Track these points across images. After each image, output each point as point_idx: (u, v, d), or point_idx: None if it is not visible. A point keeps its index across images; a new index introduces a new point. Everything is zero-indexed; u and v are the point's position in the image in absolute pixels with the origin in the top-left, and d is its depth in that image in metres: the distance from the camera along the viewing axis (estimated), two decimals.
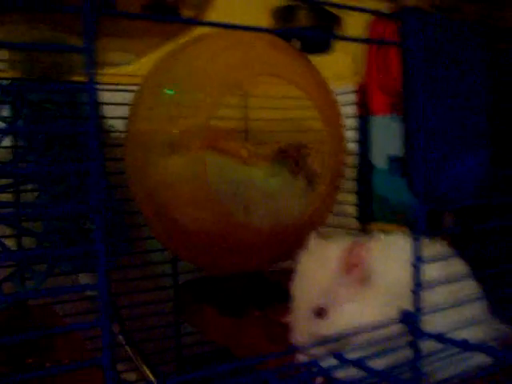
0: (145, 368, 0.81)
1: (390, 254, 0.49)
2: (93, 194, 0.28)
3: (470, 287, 0.50)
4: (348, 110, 0.88)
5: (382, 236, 0.54)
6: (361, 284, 0.46)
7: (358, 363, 0.36)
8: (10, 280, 0.67)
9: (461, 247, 0.67)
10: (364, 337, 0.40)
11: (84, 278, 0.81)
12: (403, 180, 0.78)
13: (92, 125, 0.28)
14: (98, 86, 0.29)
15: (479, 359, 0.38)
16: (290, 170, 0.77)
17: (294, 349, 0.44)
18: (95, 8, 0.27)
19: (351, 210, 0.91)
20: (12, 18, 0.43)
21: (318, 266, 0.49)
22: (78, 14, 0.28)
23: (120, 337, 0.82)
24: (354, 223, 0.90)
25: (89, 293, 0.84)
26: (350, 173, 0.88)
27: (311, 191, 0.77)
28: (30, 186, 0.77)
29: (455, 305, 0.44)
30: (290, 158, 0.77)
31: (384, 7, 0.66)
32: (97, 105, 0.29)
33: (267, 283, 0.81)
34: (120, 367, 0.86)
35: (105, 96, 0.83)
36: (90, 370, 0.55)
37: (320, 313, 0.46)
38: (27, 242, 0.79)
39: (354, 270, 0.47)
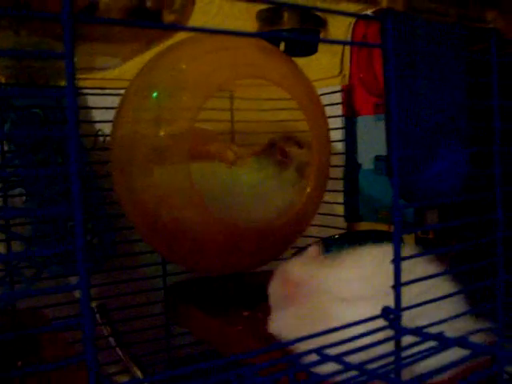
0: (135, 369, 0.82)
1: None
2: (73, 194, 0.28)
3: (442, 288, 0.51)
4: (334, 110, 0.89)
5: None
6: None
7: (337, 358, 0.36)
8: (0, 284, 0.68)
9: (444, 244, 0.68)
10: (345, 334, 0.40)
11: (75, 281, 0.82)
12: (388, 179, 0.79)
13: (71, 128, 0.29)
14: (86, 91, 0.29)
15: (458, 354, 0.39)
16: (277, 163, 0.77)
17: (277, 346, 0.44)
18: (73, 15, 0.28)
19: (338, 209, 0.92)
20: None
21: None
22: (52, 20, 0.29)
23: (111, 339, 0.83)
24: (342, 223, 0.91)
25: (78, 295, 0.85)
26: (337, 172, 0.89)
27: (301, 181, 0.76)
28: (17, 191, 0.78)
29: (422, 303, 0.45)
30: (278, 150, 0.76)
31: (366, 9, 0.67)
32: (76, 109, 0.29)
33: (255, 284, 0.82)
34: (112, 369, 0.87)
35: (94, 100, 0.84)
36: (80, 372, 0.56)
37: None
38: (18, 247, 0.79)
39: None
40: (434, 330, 0.42)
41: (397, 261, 0.43)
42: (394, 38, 0.55)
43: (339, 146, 0.90)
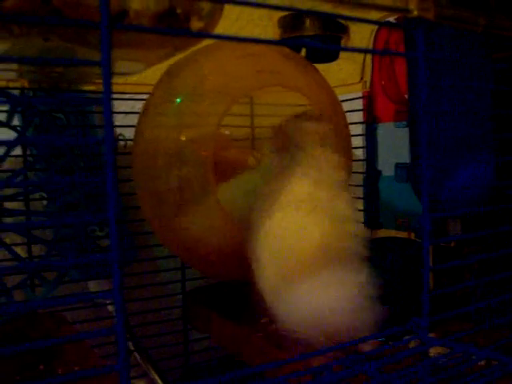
0: (154, 374, 0.82)
1: None
2: (109, 204, 0.28)
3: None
4: (354, 117, 0.88)
5: None
6: None
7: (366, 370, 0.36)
8: (21, 287, 0.68)
9: (466, 253, 0.68)
10: None
11: (94, 285, 0.82)
12: (409, 186, 0.79)
13: (108, 136, 0.29)
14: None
15: None
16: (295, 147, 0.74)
17: (304, 356, 0.44)
18: (111, 22, 0.28)
19: (358, 216, 0.91)
20: (27, 30, 0.44)
21: None
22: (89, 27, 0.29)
23: (129, 343, 0.83)
24: (362, 229, 0.90)
25: (97, 300, 0.85)
26: (357, 179, 0.88)
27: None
28: (38, 195, 0.78)
29: None
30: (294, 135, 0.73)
31: (389, 17, 0.66)
32: (112, 116, 0.29)
33: None
34: (130, 373, 0.87)
35: (114, 105, 0.84)
36: (99, 377, 0.56)
37: None
38: (36, 249, 0.80)
39: None
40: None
41: (426, 270, 0.43)
42: (420, 47, 0.54)
43: (359, 153, 0.89)
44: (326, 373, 0.39)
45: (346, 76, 0.91)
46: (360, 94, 0.89)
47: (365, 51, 0.75)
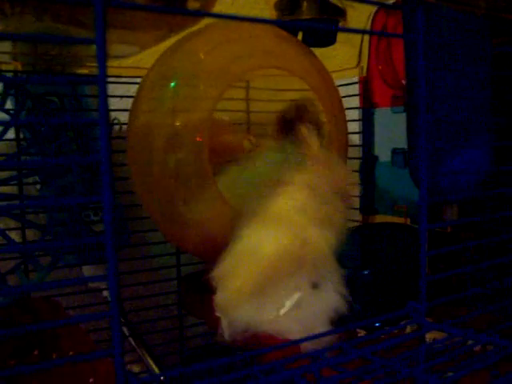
0: (149, 359, 0.82)
1: None
2: (103, 188, 0.28)
3: None
4: (351, 102, 0.88)
5: None
6: None
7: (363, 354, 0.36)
8: (14, 272, 0.67)
9: (464, 239, 0.67)
10: None
11: (87, 270, 0.81)
12: (406, 172, 0.79)
13: (102, 117, 0.28)
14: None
15: None
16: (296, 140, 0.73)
17: (298, 340, 0.44)
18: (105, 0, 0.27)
19: (354, 201, 0.91)
20: (20, 9, 0.43)
21: None
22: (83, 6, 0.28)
23: (124, 328, 0.83)
24: (357, 215, 0.90)
25: (91, 285, 0.85)
26: (354, 165, 0.88)
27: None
28: (31, 179, 0.78)
29: None
30: (294, 125, 0.72)
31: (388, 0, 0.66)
32: (107, 97, 0.29)
33: None
34: (125, 359, 0.87)
35: (109, 88, 0.83)
36: (94, 361, 0.56)
37: None
38: (30, 234, 0.79)
39: None
40: None
41: (423, 254, 0.42)
42: (418, 29, 0.54)
43: (356, 138, 0.89)
44: (322, 357, 0.38)
45: (343, 61, 0.91)
46: (357, 79, 0.89)
47: (363, 32, 0.74)
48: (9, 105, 0.72)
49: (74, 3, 0.26)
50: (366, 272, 0.60)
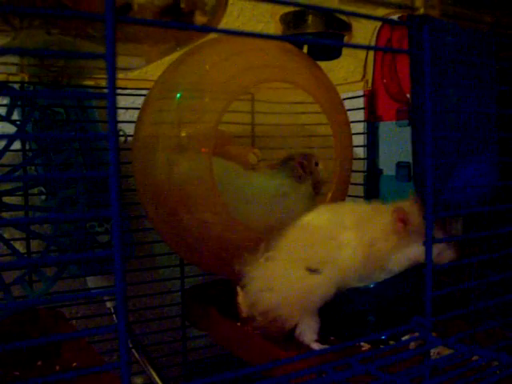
0: (151, 371, 0.81)
1: None
2: (112, 203, 0.28)
3: None
4: (356, 116, 0.88)
5: None
6: None
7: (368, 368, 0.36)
8: (19, 283, 0.67)
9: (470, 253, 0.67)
10: None
11: (92, 281, 0.81)
12: (411, 186, 0.79)
13: (111, 130, 0.28)
14: (106, 90, 0.29)
15: None
16: (295, 176, 0.77)
17: (307, 354, 0.44)
18: (116, 15, 0.28)
19: None
20: (28, 22, 0.43)
21: None
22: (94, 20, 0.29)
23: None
24: None
25: (95, 296, 0.85)
26: (358, 178, 0.88)
27: (316, 198, 0.77)
28: (36, 189, 0.78)
29: None
30: (297, 164, 0.76)
31: (393, 15, 0.66)
32: (116, 113, 0.29)
33: None
34: None
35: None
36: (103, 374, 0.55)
37: None
38: (35, 243, 0.80)
39: None
40: None
41: (428, 270, 0.42)
42: (424, 44, 0.54)
43: (361, 152, 0.89)
44: (327, 372, 0.38)
45: (348, 74, 0.91)
46: (362, 93, 0.89)
47: (368, 48, 0.74)
48: (15, 115, 0.72)
49: (84, 19, 0.26)
50: (371, 285, 0.59)
